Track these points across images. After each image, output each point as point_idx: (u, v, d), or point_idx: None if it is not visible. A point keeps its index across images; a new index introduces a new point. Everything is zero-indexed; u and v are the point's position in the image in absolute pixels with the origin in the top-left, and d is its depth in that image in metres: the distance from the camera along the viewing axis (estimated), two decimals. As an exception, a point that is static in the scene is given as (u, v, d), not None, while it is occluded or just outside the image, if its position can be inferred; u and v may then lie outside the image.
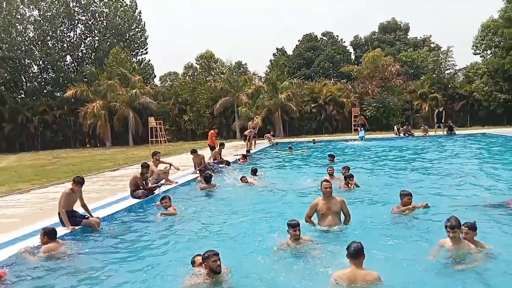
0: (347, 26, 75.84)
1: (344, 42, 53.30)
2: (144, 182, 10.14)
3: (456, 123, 30.69)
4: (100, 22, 47.22)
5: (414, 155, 17.75)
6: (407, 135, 27.13)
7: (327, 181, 7.21)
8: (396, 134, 27.79)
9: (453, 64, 38.05)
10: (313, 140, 26.74)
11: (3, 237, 6.91)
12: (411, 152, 18.99)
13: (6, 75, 41.82)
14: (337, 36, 53.56)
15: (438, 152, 18.53)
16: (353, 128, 30.61)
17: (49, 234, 6.11)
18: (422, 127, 28.36)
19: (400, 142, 24.14)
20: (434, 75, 37.22)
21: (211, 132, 18.57)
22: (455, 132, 26.35)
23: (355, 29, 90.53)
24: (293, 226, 5.80)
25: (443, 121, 27.62)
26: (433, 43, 48.99)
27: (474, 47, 39.13)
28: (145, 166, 10.28)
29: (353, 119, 31.58)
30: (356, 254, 4.61)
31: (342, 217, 7.01)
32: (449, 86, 36.94)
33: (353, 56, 52.00)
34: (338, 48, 51.12)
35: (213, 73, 44.52)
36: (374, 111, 34.62)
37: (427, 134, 26.99)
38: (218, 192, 10.89)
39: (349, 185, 9.74)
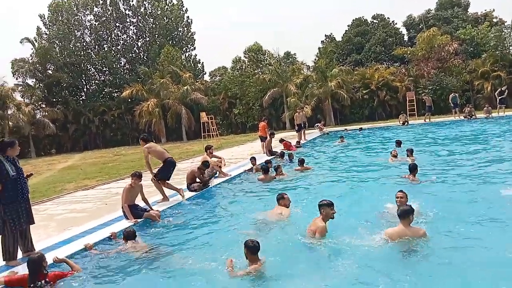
0: (399, 6, 72.12)
1: (396, 24, 51.01)
2: (201, 175, 10.43)
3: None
4: (150, 23, 49.04)
5: (476, 140, 16.63)
6: (468, 117, 25.47)
7: (401, 191, 6.61)
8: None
9: (519, 38, 35.11)
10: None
11: (76, 230, 7.42)
12: (472, 137, 17.83)
13: (68, 79, 44.76)
14: (388, 18, 51.37)
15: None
16: (408, 112, 29.21)
17: (127, 237, 6.39)
18: (485, 108, 26.46)
19: (460, 126, 22.75)
20: (497, 52, 34.53)
21: (262, 123, 18.42)
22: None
23: (408, 9, 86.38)
24: (330, 205, 5.85)
25: (503, 100, 25.70)
26: (496, 17, 45.39)
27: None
28: (206, 164, 10.56)
29: (408, 103, 30.18)
30: (403, 215, 5.31)
31: None
32: (515, 62, 34.11)
33: (406, 38, 49.60)
34: (390, 30, 48.95)
35: (261, 65, 44.56)
36: (431, 94, 32.87)
37: (490, 116, 25.16)
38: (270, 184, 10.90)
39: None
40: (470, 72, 35.00)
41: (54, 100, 44.79)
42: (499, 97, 25.83)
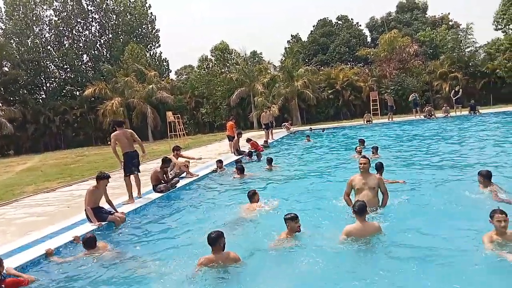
0: (362, 7, 74.40)
1: (360, 25, 52.41)
2: (165, 175, 10.28)
3: (479, 102, 29.78)
4: (112, 20, 47.80)
5: (436, 138, 17.38)
6: (428, 117, 26.52)
7: (365, 157, 7.19)
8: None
9: (473, 41, 36.80)
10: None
11: (37, 234, 7.12)
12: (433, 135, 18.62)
13: (26, 77, 42.84)
14: (352, 19, 52.71)
15: (458, 133, 18.14)
16: (371, 112, 30.12)
17: (86, 244, 6.11)
18: (444, 107, 27.68)
19: (421, 125, 23.67)
20: (454, 54, 36.14)
21: (230, 123, 18.39)
22: (479, 111, 25.58)
23: (370, 11, 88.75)
24: (293, 218, 5.71)
25: (459, 100, 27.01)
26: (451, 20, 47.58)
27: (495, 22, 37.84)
28: (167, 161, 10.37)
29: (371, 103, 31.08)
30: (361, 211, 5.49)
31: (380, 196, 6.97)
32: (470, 64, 35.78)
33: (369, 39, 51.07)
34: (354, 31, 50.25)
35: (228, 65, 44.48)
36: (393, 94, 33.99)
37: (449, 115, 26.36)
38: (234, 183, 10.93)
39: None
40: (430, 73, 36.44)
41: (11, 98, 42.78)
42: (455, 98, 27.08)
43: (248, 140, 17.88)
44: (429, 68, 36.83)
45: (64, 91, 46.89)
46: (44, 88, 46.84)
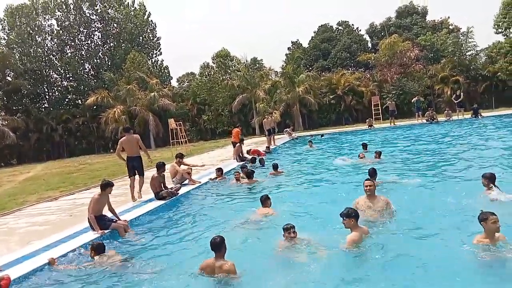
0: (361, 14, 74.73)
1: (360, 30, 52.57)
2: (164, 179, 10.25)
3: (481, 105, 29.72)
4: (114, 29, 48.15)
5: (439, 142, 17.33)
6: (430, 121, 26.48)
7: (369, 179, 6.96)
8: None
9: (474, 45, 36.83)
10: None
11: (39, 244, 7.10)
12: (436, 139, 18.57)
13: (29, 86, 43.09)
14: (353, 25, 52.86)
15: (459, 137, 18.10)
16: (373, 116, 30.14)
17: (97, 249, 6.11)
18: (446, 111, 27.65)
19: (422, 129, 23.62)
20: (455, 58, 36.18)
21: (236, 129, 18.50)
22: (481, 115, 25.49)
23: (370, 17, 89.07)
24: (287, 229, 5.70)
25: (461, 104, 26.99)
26: (452, 24, 47.64)
27: (496, 26, 37.85)
28: (162, 166, 10.24)
29: (373, 108, 31.07)
30: (358, 217, 5.53)
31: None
32: (471, 68, 35.80)
33: (370, 44, 51.18)
34: (354, 37, 50.40)
35: (229, 71, 44.65)
36: (394, 99, 34.01)
37: (451, 119, 26.31)
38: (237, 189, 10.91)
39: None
40: (431, 77, 36.47)
41: (14, 108, 43.07)
42: (456, 101, 27.06)
43: (248, 151, 17.81)
44: (430, 72, 36.87)
45: (66, 100, 47.16)
46: (47, 97, 47.11)
